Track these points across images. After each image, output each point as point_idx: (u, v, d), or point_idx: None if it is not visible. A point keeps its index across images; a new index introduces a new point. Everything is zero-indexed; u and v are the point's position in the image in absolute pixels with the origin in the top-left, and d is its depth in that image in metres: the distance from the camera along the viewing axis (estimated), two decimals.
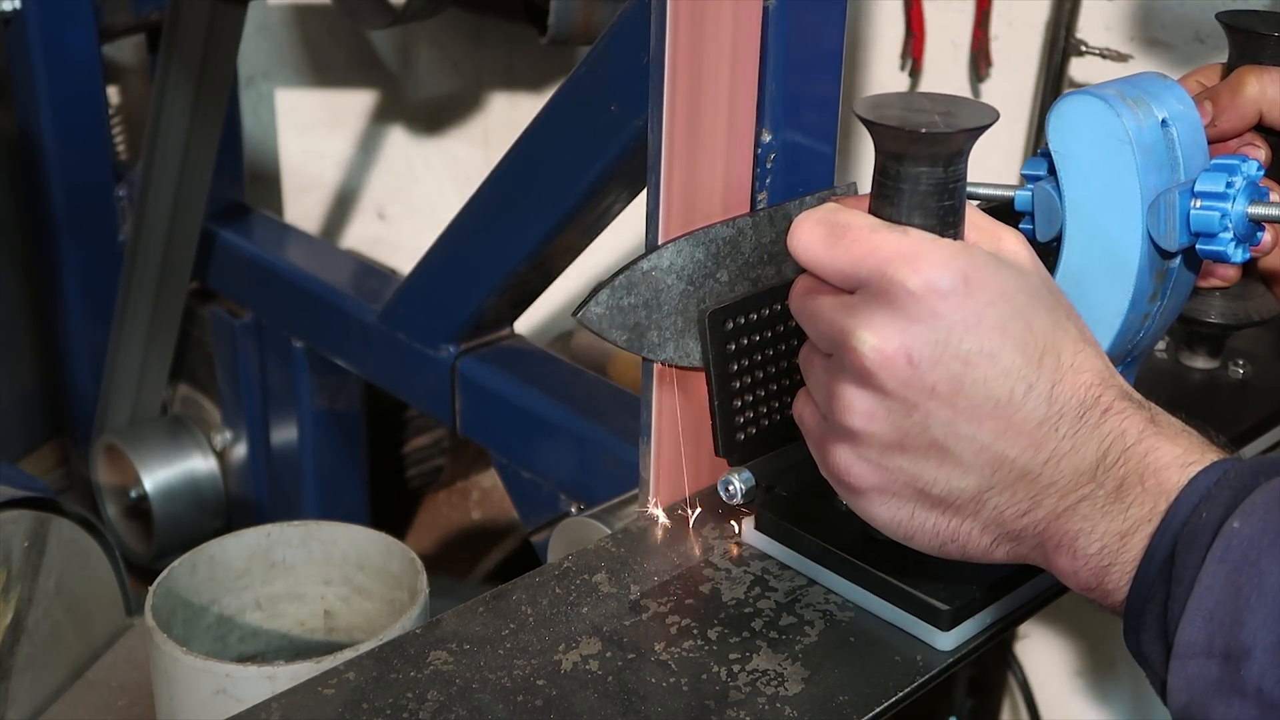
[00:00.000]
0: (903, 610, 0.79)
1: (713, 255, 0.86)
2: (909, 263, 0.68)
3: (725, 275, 0.86)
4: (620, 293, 0.83)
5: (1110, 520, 0.67)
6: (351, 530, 1.11)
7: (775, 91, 0.89)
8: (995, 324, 0.68)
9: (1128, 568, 0.66)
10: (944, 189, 0.71)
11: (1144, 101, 0.82)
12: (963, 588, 0.78)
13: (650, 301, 0.84)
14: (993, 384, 0.68)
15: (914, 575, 0.79)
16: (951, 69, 1.65)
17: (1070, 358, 0.69)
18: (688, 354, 0.86)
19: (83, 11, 1.70)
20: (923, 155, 0.70)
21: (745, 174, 0.91)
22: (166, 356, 1.78)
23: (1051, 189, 0.84)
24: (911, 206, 0.71)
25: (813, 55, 0.91)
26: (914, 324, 0.68)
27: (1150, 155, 0.81)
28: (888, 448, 0.71)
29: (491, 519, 2.09)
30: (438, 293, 1.39)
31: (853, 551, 0.81)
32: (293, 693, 0.74)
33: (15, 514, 1.17)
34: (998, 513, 0.70)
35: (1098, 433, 0.68)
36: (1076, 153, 0.83)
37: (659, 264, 0.84)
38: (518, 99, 2.17)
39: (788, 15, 0.87)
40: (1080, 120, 0.82)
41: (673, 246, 0.84)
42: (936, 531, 0.72)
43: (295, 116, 2.26)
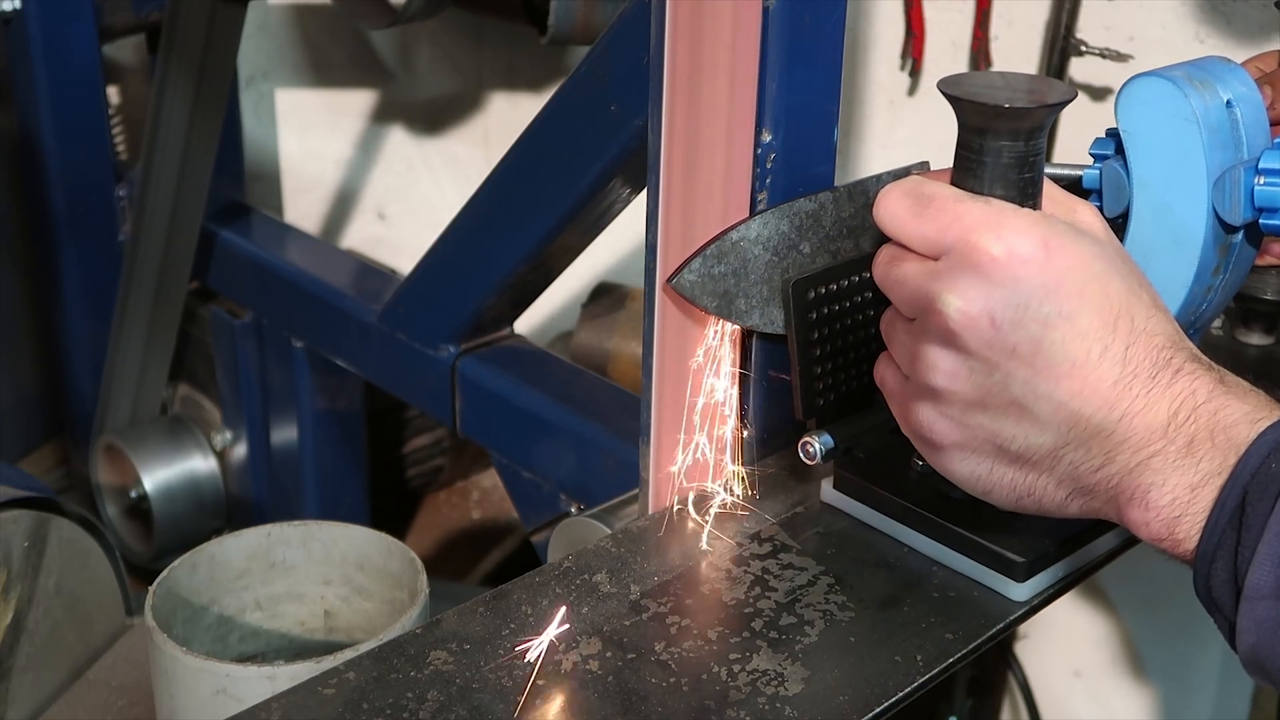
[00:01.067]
0: (979, 563, 0.84)
1: (796, 228, 0.89)
2: (992, 230, 0.72)
3: (807, 247, 0.90)
4: (711, 261, 0.87)
5: (1181, 474, 0.70)
6: (351, 530, 1.11)
7: (775, 91, 0.89)
8: (1073, 288, 0.72)
9: (1198, 518, 0.70)
10: (1024, 162, 0.75)
11: (1209, 83, 0.86)
12: (1036, 542, 0.83)
13: (738, 270, 0.88)
14: (1070, 345, 0.71)
15: (989, 530, 0.84)
16: (951, 69, 1.65)
17: (1144, 321, 0.73)
18: (772, 321, 0.90)
19: (83, 11, 1.70)
20: (1005, 130, 0.74)
21: (745, 174, 0.91)
22: (166, 356, 1.78)
23: (1119, 167, 0.89)
24: (993, 179, 0.75)
25: (813, 55, 0.91)
26: (997, 288, 0.72)
27: (1216, 134, 0.86)
28: (969, 405, 0.75)
29: (491, 519, 2.09)
30: (438, 293, 1.39)
31: (930, 509, 0.86)
32: (293, 693, 0.74)
33: (15, 514, 1.17)
34: (1073, 468, 0.73)
35: (1169, 392, 0.71)
36: (1145, 132, 0.87)
37: (747, 234, 0.87)
38: (518, 99, 2.17)
39: (788, 15, 0.87)
40: (1149, 101, 0.86)
41: (760, 219, 0.87)
42: (1013, 486, 0.76)
43: (295, 116, 2.26)
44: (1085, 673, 1.82)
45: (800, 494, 0.95)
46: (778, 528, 0.90)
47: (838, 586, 0.84)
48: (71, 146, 1.73)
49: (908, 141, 1.69)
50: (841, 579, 0.85)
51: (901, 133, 1.69)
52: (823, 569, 0.86)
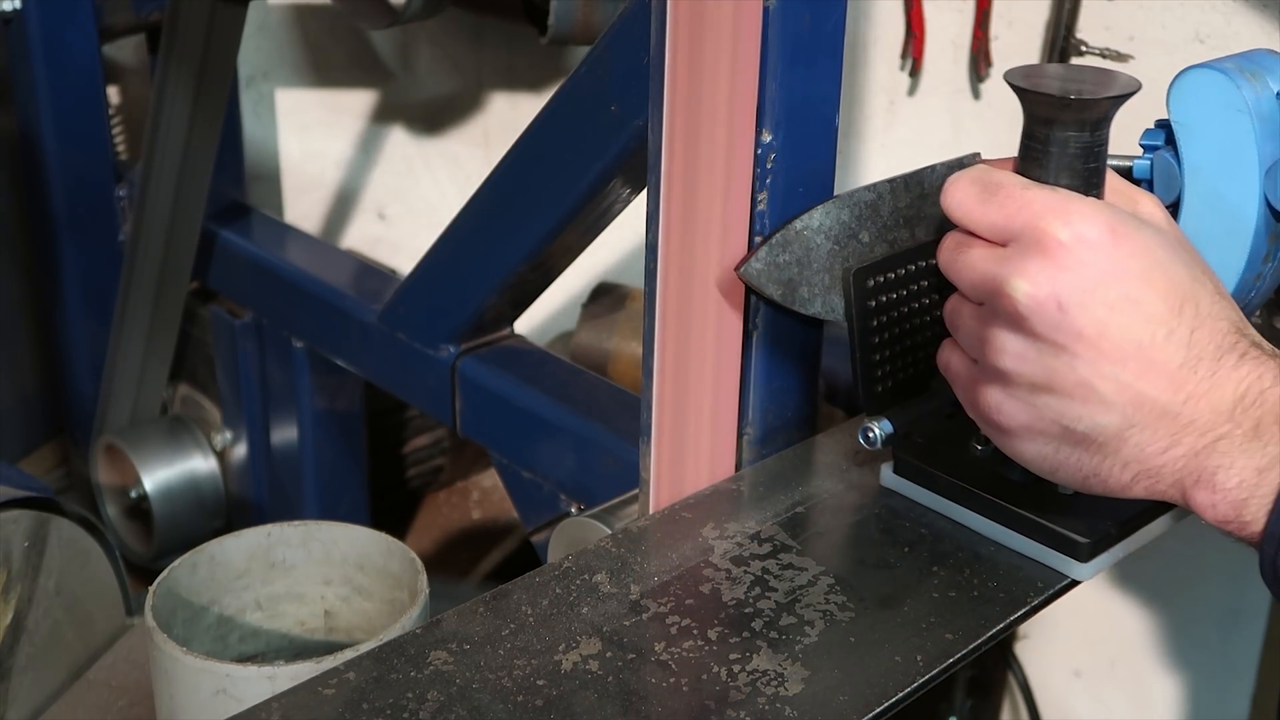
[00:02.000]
0: (1042, 544, 0.85)
1: (856, 217, 0.91)
2: (1059, 215, 0.74)
3: (866, 236, 0.91)
4: (777, 250, 0.89)
5: (1249, 457, 0.72)
6: (351, 530, 1.11)
7: (775, 91, 0.89)
8: (1139, 273, 0.74)
9: (1265, 501, 0.71)
10: (1089, 152, 0.77)
11: (1260, 75, 0.88)
12: (1098, 523, 0.85)
13: (802, 259, 0.90)
14: (1136, 328, 0.73)
15: (1051, 512, 0.86)
16: (951, 69, 1.65)
17: (1208, 307, 0.75)
18: (833, 309, 0.92)
19: (83, 11, 1.70)
20: (1071, 120, 0.76)
21: (745, 174, 0.91)
22: (166, 356, 1.78)
23: (1170, 157, 0.91)
24: (1059, 168, 0.77)
25: (813, 55, 0.91)
26: (1064, 272, 0.74)
27: (1267, 124, 0.88)
28: (1036, 387, 0.76)
29: (491, 519, 2.09)
30: (438, 293, 1.39)
31: (991, 491, 0.88)
32: (293, 693, 0.74)
33: (15, 514, 1.17)
34: (1139, 450, 0.75)
35: (1234, 375, 0.73)
36: (1197, 123, 0.89)
37: (810, 224, 0.89)
38: (518, 99, 2.17)
39: (788, 15, 0.87)
40: (1201, 92, 0.89)
41: (822, 208, 0.89)
42: (1080, 467, 0.78)
43: (295, 116, 2.26)
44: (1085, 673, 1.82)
45: (800, 494, 0.95)
46: (778, 528, 0.90)
47: (838, 586, 0.84)
48: (71, 146, 1.73)
49: (908, 141, 1.69)
50: (841, 579, 0.85)
51: (901, 132, 1.69)
52: (823, 569, 0.86)
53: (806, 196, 0.94)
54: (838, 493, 0.95)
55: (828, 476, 0.97)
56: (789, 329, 0.98)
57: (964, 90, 1.64)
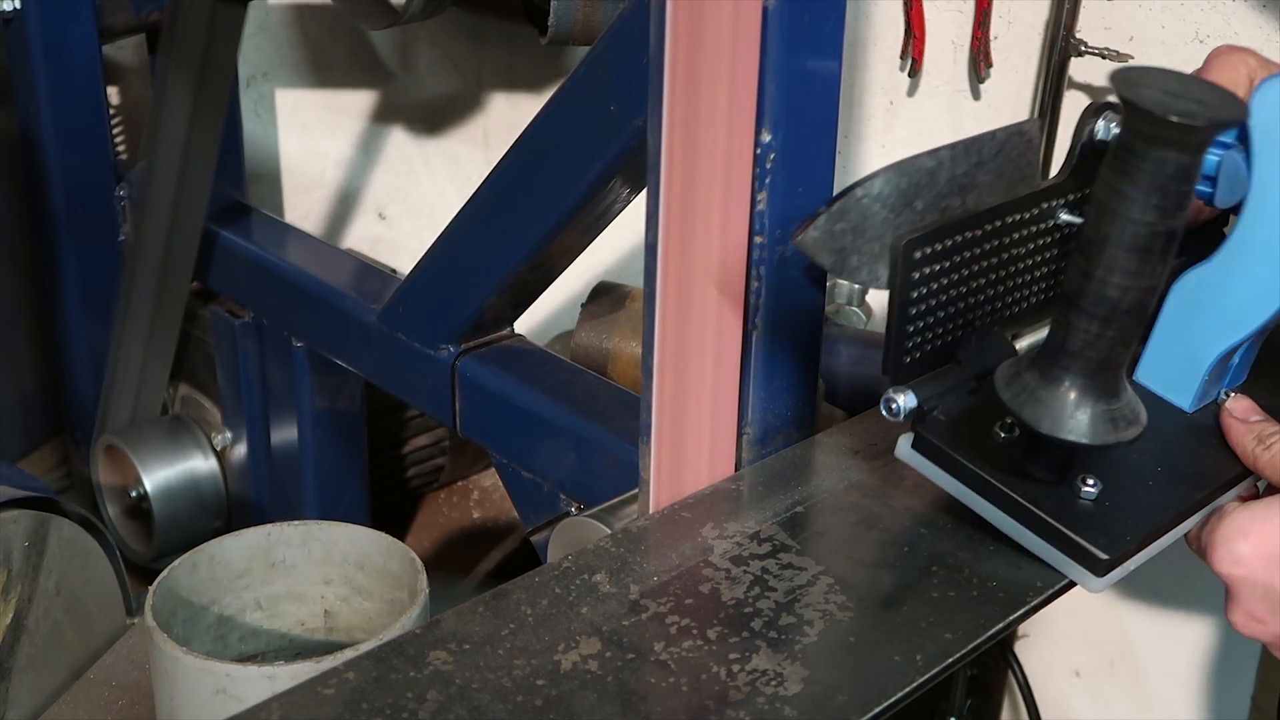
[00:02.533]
0: (1059, 551, 0.84)
1: (914, 184, 0.87)
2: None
3: (920, 204, 0.88)
4: (835, 218, 0.86)
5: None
6: (351, 530, 1.11)
7: (775, 91, 0.89)
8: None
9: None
10: (1185, 175, 0.74)
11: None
12: (1119, 538, 0.84)
13: (857, 227, 0.87)
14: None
15: (1073, 519, 0.84)
16: (951, 69, 1.65)
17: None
18: (878, 278, 0.88)
19: (83, 11, 1.70)
20: (1175, 141, 0.73)
21: (745, 174, 0.91)
22: (167, 356, 1.78)
23: (1240, 159, 0.88)
24: (1151, 187, 0.74)
25: (813, 55, 0.91)
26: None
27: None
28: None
29: (491, 519, 2.09)
30: (438, 293, 1.39)
31: (1013, 486, 0.85)
32: (293, 693, 0.74)
33: (15, 514, 1.17)
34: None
35: None
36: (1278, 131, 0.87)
37: (870, 191, 0.86)
38: (518, 99, 2.17)
39: (787, 15, 0.87)
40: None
41: (883, 175, 0.86)
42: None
43: (295, 116, 2.26)
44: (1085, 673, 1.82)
45: (800, 494, 0.95)
46: (777, 527, 0.90)
47: (838, 586, 0.84)
48: (71, 146, 1.73)
49: (908, 141, 1.69)
50: (841, 579, 0.85)
51: (901, 132, 1.69)
52: (822, 569, 0.86)
53: (806, 196, 0.94)
54: (837, 492, 0.95)
55: (828, 476, 0.97)
56: (789, 329, 0.98)
57: (964, 90, 1.64)
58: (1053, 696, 1.83)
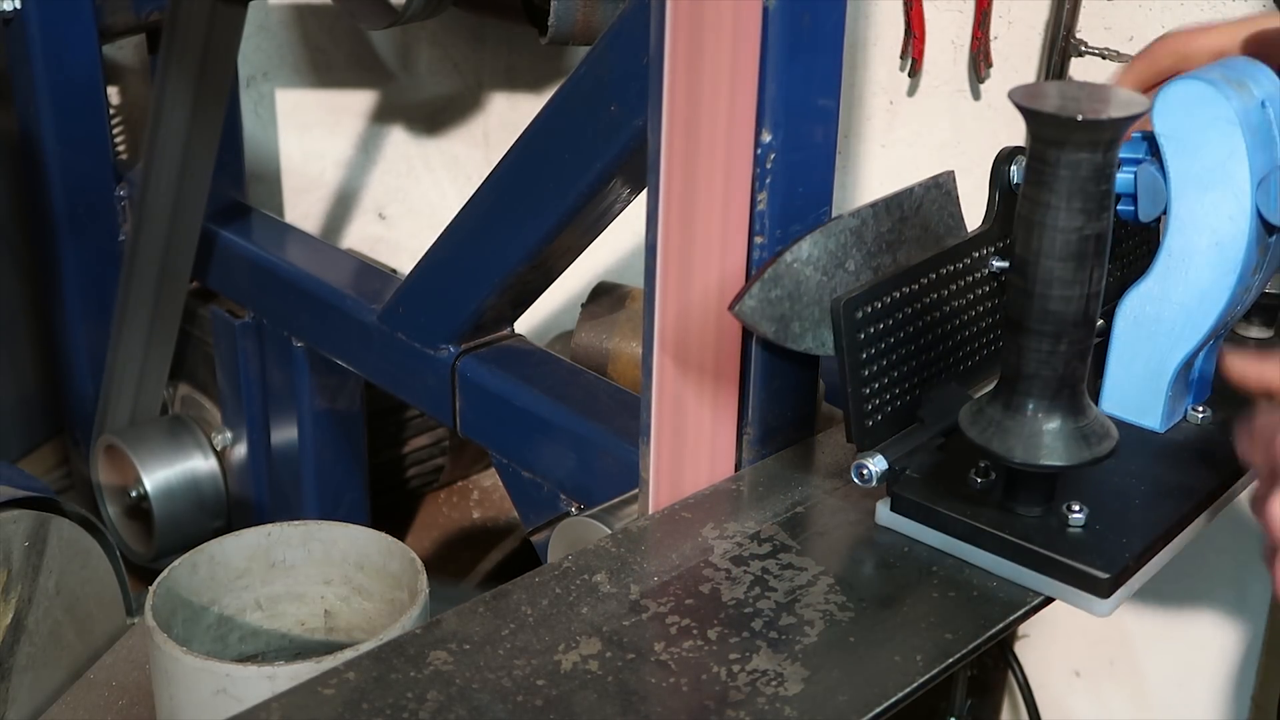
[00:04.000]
0: (1060, 582, 0.82)
1: (841, 245, 0.89)
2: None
3: (852, 264, 0.89)
4: (769, 285, 0.87)
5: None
6: (351, 530, 1.11)
7: (775, 91, 0.89)
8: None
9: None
10: (1101, 174, 0.75)
11: (1245, 84, 0.87)
12: (1117, 557, 0.82)
13: (793, 293, 0.88)
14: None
15: (1067, 546, 0.83)
16: (951, 69, 1.65)
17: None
18: (824, 343, 0.90)
19: (83, 11, 1.70)
20: (1084, 141, 0.73)
21: (745, 174, 0.91)
22: (167, 356, 1.78)
23: (1154, 170, 0.88)
24: (1070, 192, 0.75)
25: (813, 55, 0.91)
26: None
27: (1256, 135, 0.86)
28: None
29: (491, 519, 2.09)
30: (438, 293, 1.39)
31: (1001, 528, 0.84)
32: (293, 693, 0.74)
33: (15, 514, 1.17)
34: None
35: None
36: (1185, 135, 0.87)
37: (799, 255, 0.87)
38: (518, 99, 2.17)
39: (788, 15, 0.87)
40: (1189, 104, 0.86)
41: (810, 239, 0.87)
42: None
43: (295, 116, 2.26)
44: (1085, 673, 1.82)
45: (800, 494, 0.95)
46: (777, 528, 0.90)
47: (838, 586, 0.84)
48: (71, 146, 1.73)
49: (907, 141, 1.69)
50: (841, 579, 0.85)
51: (901, 132, 1.69)
52: (823, 569, 0.86)
53: (806, 196, 0.94)
54: (838, 493, 0.95)
55: (827, 476, 0.97)
56: None
57: (964, 90, 1.64)
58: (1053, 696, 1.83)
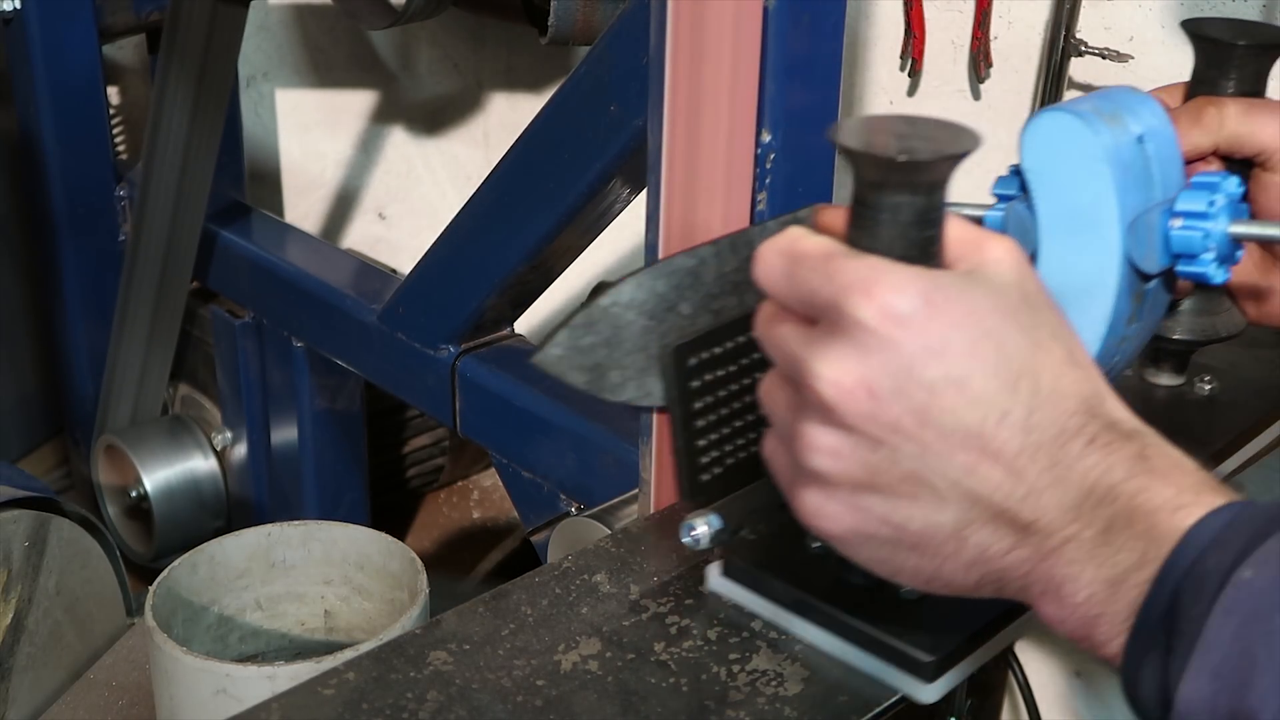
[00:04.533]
0: (882, 661, 0.75)
1: (674, 287, 0.81)
2: (863, 290, 0.63)
3: (687, 308, 0.82)
4: (580, 332, 0.80)
5: (1098, 566, 0.62)
6: (351, 530, 1.12)
7: (775, 91, 0.89)
8: (962, 348, 0.63)
9: (1119, 619, 0.62)
10: (924, 219, 0.66)
11: (1119, 117, 0.79)
12: (946, 636, 0.75)
13: (611, 340, 0.81)
14: (962, 413, 0.62)
15: (893, 623, 0.75)
16: (951, 69, 1.65)
17: (1051, 381, 0.63)
18: (649, 393, 0.82)
19: (83, 11, 1.70)
20: (904, 183, 0.65)
21: (745, 174, 0.91)
22: (167, 356, 1.78)
23: (1024, 209, 0.80)
24: (891, 236, 0.66)
25: (813, 55, 0.91)
26: (872, 354, 0.63)
27: (1128, 173, 0.78)
28: (858, 487, 0.65)
29: (491, 519, 2.09)
30: (438, 293, 1.39)
31: (828, 598, 0.77)
32: (293, 693, 0.74)
33: (15, 514, 1.17)
34: (980, 550, 0.65)
35: (1080, 466, 0.63)
36: (1052, 172, 0.79)
37: (618, 299, 0.80)
38: (518, 99, 2.17)
39: (788, 15, 0.87)
40: (1055, 138, 0.78)
41: (633, 280, 0.80)
42: (919, 570, 0.67)
43: (295, 116, 2.26)
44: (1085, 673, 1.82)
45: None
46: None
47: None
48: (71, 146, 1.73)
49: None
50: None
51: None
52: None
53: (806, 196, 0.94)
54: None
55: None
56: None
57: (964, 90, 1.64)
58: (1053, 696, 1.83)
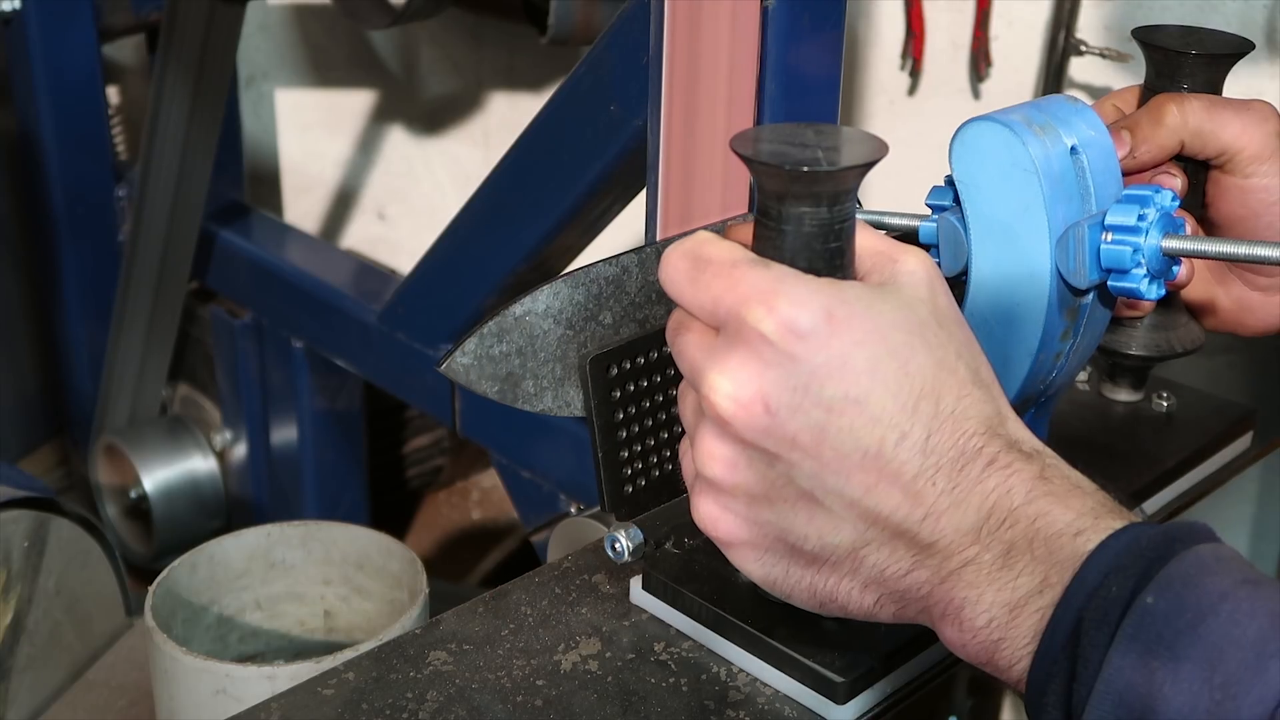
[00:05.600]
0: (796, 681, 0.74)
1: (594, 296, 0.80)
2: (764, 301, 0.62)
3: (609, 317, 0.81)
4: (490, 340, 0.78)
5: (998, 590, 0.61)
6: (351, 530, 1.12)
7: (775, 91, 0.89)
8: (863, 366, 0.62)
9: (1020, 643, 0.61)
10: (829, 231, 0.64)
11: (1052, 127, 0.77)
12: (860, 656, 0.74)
13: (524, 349, 0.79)
14: (860, 432, 0.62)
15: (809, 643, 0.74)
16: (951, 69, 1.65)
17: (952, 403, 0.63)
18: (568, 403, 0.81)
19: (83, 11, 1.70)
20: (805, 195, 0.64)
21: (744, 174, 0.91)
22: (166, 356, 1.78)
23: (956, 220, 0.79)
24: (795, 249, 0.65)
25: (813, 55, 0.91)
26: (770, 369, 0.62)
27: (1059, 185, 0.76)
28: (754, 500, 0.65)
29: (491, 519, 2.09)
30: (438, 293, 1.39)
31: (745, 616, 0.76)
32: (293, 693, 0.74)
33: (15, 514, 1.17)
34: (878, 571, 0.64)
35: (980, 489, 0.62)
36: (981, 182, 0.77)
37: (533, 308, 0.78)
38: (518, 99, 2.17)
39: (787, 15, 0.87)
40: (984, 147, 0.76)
41: (549, 289, 0.78)
42: (814, 589, 0.66)
43: (295, 116, 2.26)
44: None
45: None
46: None
47: None
48: (71, 146, 1.73)
49: (907, 141, 1.69)
50: None
51: (901, 132, 1.69)
52: None
53: None
54: None
55: None
56: None
57: (964, 90, 1.64)
58: None
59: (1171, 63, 0.90)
